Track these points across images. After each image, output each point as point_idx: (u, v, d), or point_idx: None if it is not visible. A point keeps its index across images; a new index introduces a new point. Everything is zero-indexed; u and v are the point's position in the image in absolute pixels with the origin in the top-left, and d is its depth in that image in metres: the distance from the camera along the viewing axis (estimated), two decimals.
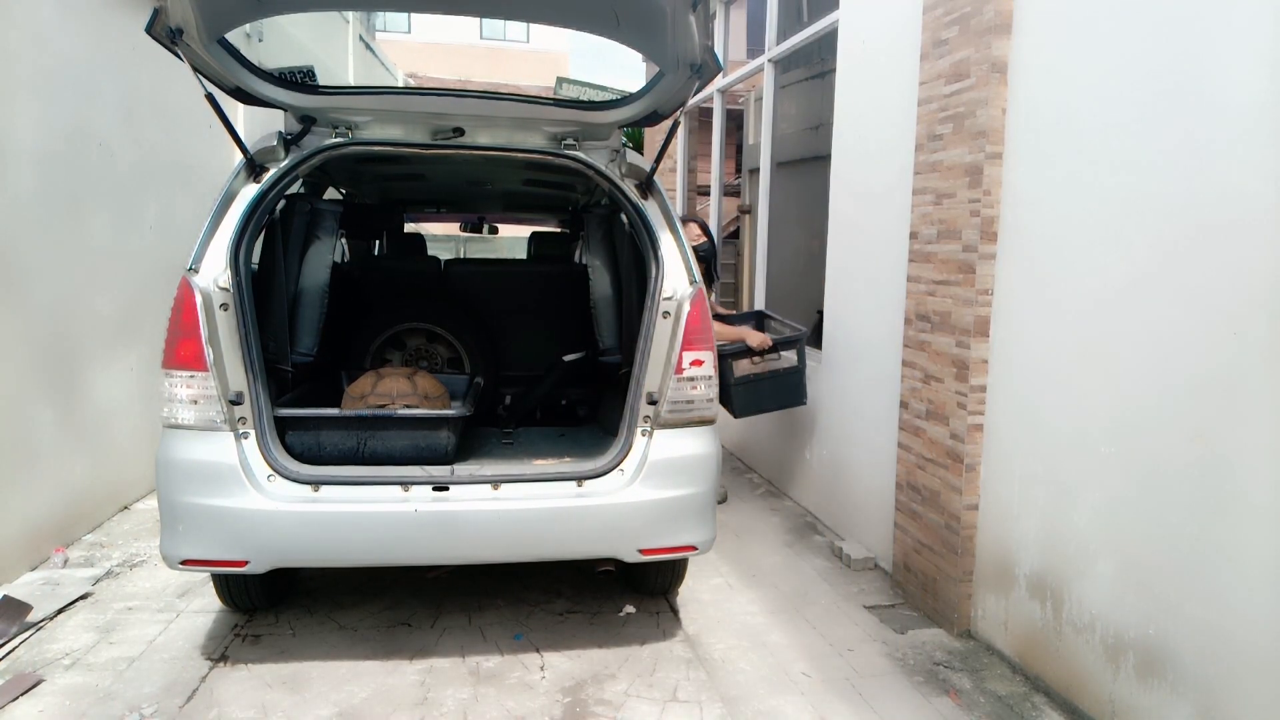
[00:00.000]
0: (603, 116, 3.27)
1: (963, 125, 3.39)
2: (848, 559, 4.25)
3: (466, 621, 3.55)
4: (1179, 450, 2.49)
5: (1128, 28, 2.70)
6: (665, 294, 3.12)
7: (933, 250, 3.61)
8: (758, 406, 4.73)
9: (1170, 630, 2.52)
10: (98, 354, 4.59)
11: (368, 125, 3.23)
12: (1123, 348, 2.70)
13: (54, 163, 4.17)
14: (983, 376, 3.37)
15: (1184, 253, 2.48)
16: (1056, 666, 3.00)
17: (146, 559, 4.15)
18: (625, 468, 3.09)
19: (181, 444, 2.90)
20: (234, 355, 2.91)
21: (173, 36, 2.54)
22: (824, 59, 5.42)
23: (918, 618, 3.69)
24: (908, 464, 3.83)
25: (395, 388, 3.51)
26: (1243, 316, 2.30)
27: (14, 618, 3.38)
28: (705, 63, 2.68)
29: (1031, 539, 3.11)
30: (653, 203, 3.30)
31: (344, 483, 2.96)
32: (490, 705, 2.95)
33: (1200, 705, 2.42)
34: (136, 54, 4.77)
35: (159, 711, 2.86)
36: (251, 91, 3.05)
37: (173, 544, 2.90)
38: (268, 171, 3.09)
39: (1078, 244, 2.90)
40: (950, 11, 3.48)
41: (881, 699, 3.03)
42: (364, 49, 10.88)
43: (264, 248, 3.42)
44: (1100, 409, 2.80)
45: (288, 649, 3.30)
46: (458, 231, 9.53)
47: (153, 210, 5.12)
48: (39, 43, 4.06)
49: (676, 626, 3.58)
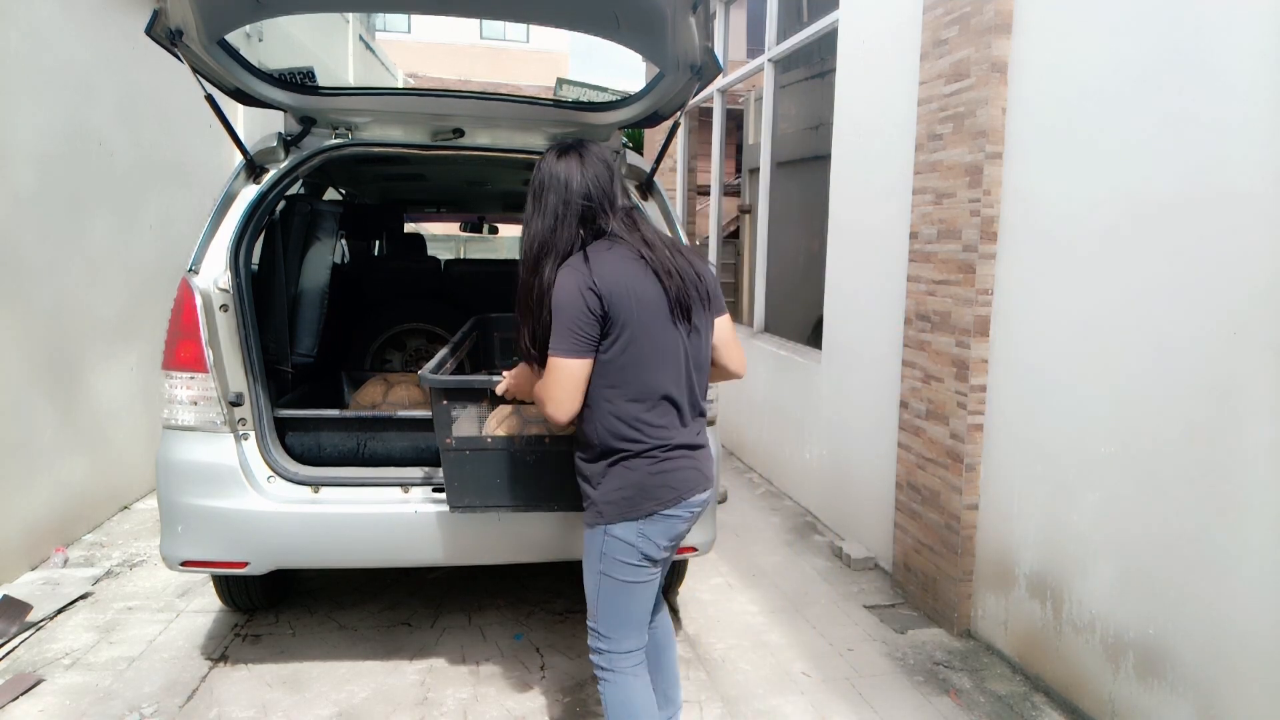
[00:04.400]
0: (603, 117, 3.27)
1: (963, 125, 3.39)
2: (848, 559, 4.25)
3: (466, 621, 3.55)
4: (1179, 450, 2.49)
5: (1128, 27, 2.70)
6: None
7: (933, 250, 3.61)
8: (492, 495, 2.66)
9: (1170, 630, 2.52)
10: (98, 354, 4.60)
11: (367, 126, 3.23)
12: (1123, 347, 2.70)
13: (54, 163, 4.17)
14: (983, 376, 3.38)
15: (1184, 251, 2.48)
16: (1056, 666, 3.01)
17: (146, 559, 4.15)
18: None
19: (181, 445, 2.90)
20: (234, 356, 2.91)
21: (173, 38, 2.54)
22: (824, 59, 5.42)
23: (918, 617, 3.69)
24: (908, 464, 3.84)
25: (407, 395, 3.51)
26: (1243, 316, 2.30)
27: (14, 617, 3.38)
28: (705, 64, 2.68)
29: (1031, 539, 3.11)
30: (652, 203, 3.30)
31: (344, 484, 2.96)
32: (490, 705, 2.95)
33: (1200, 705, 2.43)
34: (136, 54, 4.77)
35: (159, 711, 2.86)
36: (251, 92, 3.05)
37: (173, 545, 2.90)
38: (267, 172, 3.09)
39: (1078, 244, 2.90)
40: (950, 11, 3.48)
41: (881, 699, 3.03)
42: (364, 49, 10.88)
43: (264, 249, 3.42)
44: (1100, 408, 2.80)
45: (288, 649, 3.30)
46: (458, 231, 9.54)
47: (153, 210, 5.12)
48: (39, 43, 4.06)
49: (676, 626, 3.58)
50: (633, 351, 2.02)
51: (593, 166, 2.11)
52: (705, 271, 2.18)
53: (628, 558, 2.10)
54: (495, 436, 2.57)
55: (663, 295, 2.03)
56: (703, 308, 2.13)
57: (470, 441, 2.58)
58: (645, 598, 2.19)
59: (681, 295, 2.05)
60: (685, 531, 2.18)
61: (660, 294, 2.03)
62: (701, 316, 2.13)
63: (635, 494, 2.06)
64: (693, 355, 2.12)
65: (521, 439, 2.57)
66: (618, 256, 2.04)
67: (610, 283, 1.99)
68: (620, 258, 2.04)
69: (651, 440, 2.06)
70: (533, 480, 2.62)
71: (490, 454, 2.59)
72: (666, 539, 2.12)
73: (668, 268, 2.05)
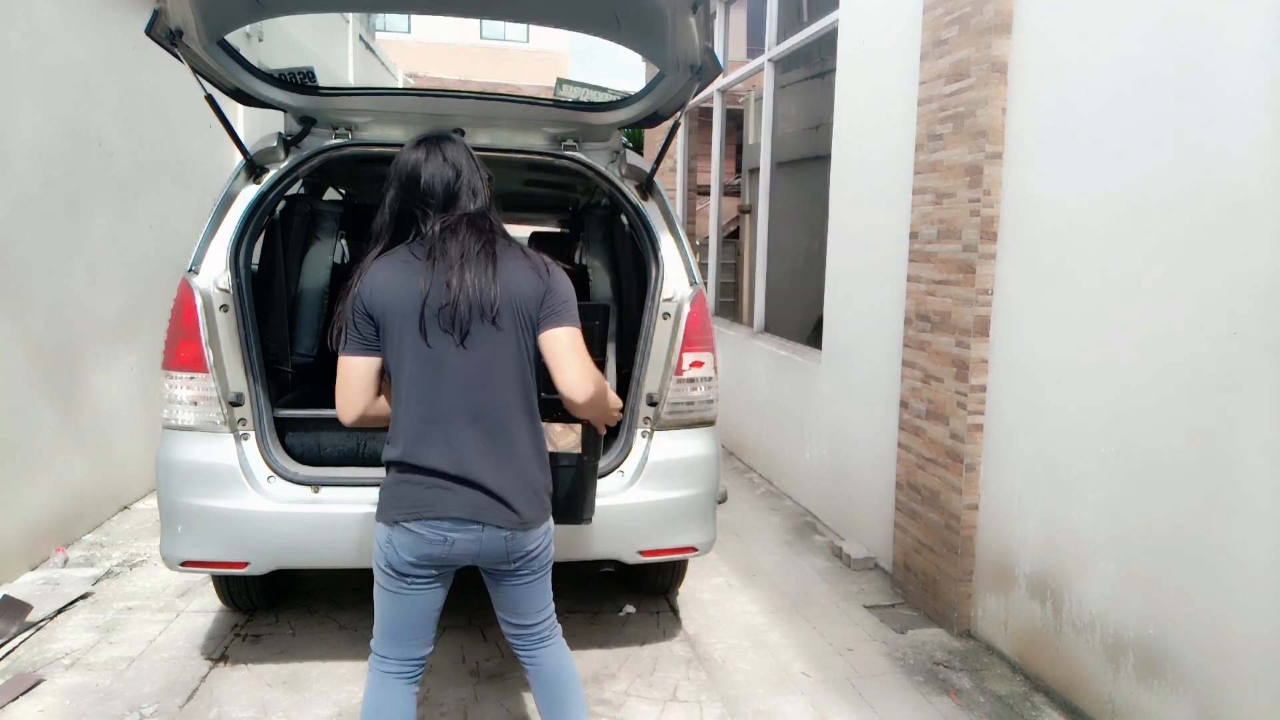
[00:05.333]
0: (603, 118, 3.27)
1: (963, 125, 3.39)
2: (848, 559, 4.25)
3: (466, 621, 3.55)
4: (1179, 450, 2.49)
5: (1127, 27, 2.70)
6: (665, 295, 3.12)
7: (933, 250, 3.61)
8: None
9: (1170, 630, 2.52)
10: (98, 354, 4.60)
11: (367, 126, 3.23)
12: (1122, 347, 2.70)
13: (54, 163, 4.17)
14: (983, 376, 3.38)
15: (1184, 252, 2.48)
16: (1056, 666, 3.01)
17: (146, 559, 4.15)
18: (625, 469, 3.09)
19: (181, 445, 2.90)
20: (234, 356, 2.91)
21: (173, 38, 2.54)
22: (824, 59, 5.42)
23: (918, 617, 3.69)
24: (908, 464, 3.84)
25: None
26: (1243, 316, 2.30)
27: (14, 617, 3.38)
28: (705, 64, 2.68)
29: (1031, 539, 3.11)
30: (652, 204, 3.30)
31: (344, 484, 2.96)
32: (490, 705, 2.95)
33: (1200, 705, 2.43)
34: (136, 54, 4.77)
35: (159, 711, 2.86)
36: (251, 93, 3.05)
37: (173, 545, 2.90)
38: (268, 172, 3.09)
39: (1078, 243, 2.90)
40: (950, 11, 3.48)
41: (881, 699, 3.03)
42: (364, 49, 10.88)
43: (264, 249, 3.42)
44: (1100, 408, 2.80)
45: (288, 649, 3.30)
46: None
47: (153, 210, 5.12)
48: (39, 43, 4.06)
49: (676, 626, 3.58)
50: (394, 361, 2.01)
51: (433, 165, 2.04)
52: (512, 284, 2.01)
53: (378, 560, 2.09)
54: None
55: (421, 307, 1.96)
56: (486, 323, 1.98)
57: None
58: (397, 609, 2.11)
59: (449, 310, 1.95)
60: (440, 557, 2.04)
61: (420, 306, 1.96)
62: (486, 331, 1.99)
63: (385, 498, 2.06)
64: (466, 372, 1.99)
65: None
66: (400, 261, 2.01)
67: (376, 288, 1.99)
68: (402, 262, 2.01)
69: (399, 449, 2.02)
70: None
71: None
72: (411, 555, 2.02)
73: (447, 280, 1.96)
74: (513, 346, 2.03)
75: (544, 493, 2.13)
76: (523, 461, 2.08)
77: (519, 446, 2.07)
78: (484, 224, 2.06)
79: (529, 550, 2.11)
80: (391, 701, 2.14)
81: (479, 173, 2.11)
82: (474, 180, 2.08)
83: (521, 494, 2.06)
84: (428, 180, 2.03)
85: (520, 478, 2.06)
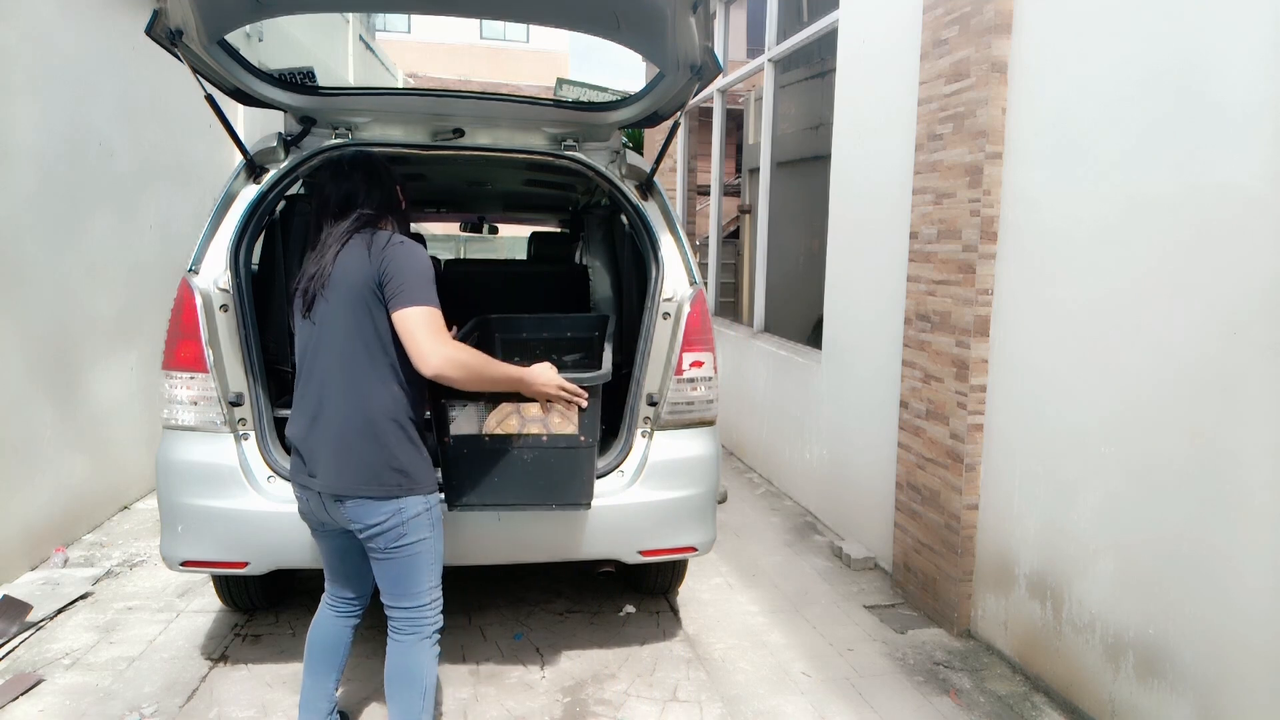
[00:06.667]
0: (603, 117, 3.27)
1: (963, 125, 3.39)
2: (848, 559, 4.25)
3: (466, 621, 3.55)
4: (1179, 450, 2.49)
5: (1127, 27, 2.70)
6: (665, 295, 3.12)
7: (933, 250, 3.61)
8: (490, 493, 2.65)
9: (1170, 630, 2.52)
10: (98, 354, 4.60)
11: (367, 126, 3.23)
12: (1122, 347, 2.70)
13: (54, 163, 4.17)
14: (983, 376, 3.38)
15: (1184, 252, 2.48)
16: (1056, 666, 3.01)
17: (146, 559, 4.15)
18: (625, 469, 3.09)
19: (181, 445, 2.90)
20: (234, 356, 2.91)
21: (172, 38, 2.54)
22: (824, 59, 5.42)
23: (918, 617, 3.69)
24: (908, 464, 3.84)
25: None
26: (1243, 316, 2.30)
27: (14, 617, 3.38)
28: (705, 64, 2.68)
29: (1031, 539, 3.12)
30: (652, 204, 3.30)
31: None
32: (490, 705, 2.95)
33: (1200, 705, 2.43)
34: (136, 54, 4.77)
35: (159, 711, 2.86)
36: (251, 93, 3.05)
37: (173, 545, 2.90)
38: (268, 172, 3.09)
39: (1078, 244, 2.90)
40: (950, 11, 3.48)
41: (881, 699, 3.03)
42: (364, 49, 10.88)
43: (264, 249, 3.42)
44: (1100, 408, 2.80)
45: (288, 649, 3.30)
46: (458, 231, 9.54)
47: (153, 210, 5.12)
48: (39, 43, 4.06)
49: (676, 626, 3.58)
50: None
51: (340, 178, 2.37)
52: (347, 264, 2.23)
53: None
54: (494, 435, 2.56)
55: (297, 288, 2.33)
56: (326, 301, 2.25)
57: (469, 440, 2.58)
58: (320, 550, 2.48)
59: (304, 290, 2.30)
60: (305, 513, 2.38)
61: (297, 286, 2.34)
62: (329, 308, 2.24)
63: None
64: (317, 342, 2.27)
65: (520, 438, 2.56)
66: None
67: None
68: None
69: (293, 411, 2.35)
70: (531, 479, 2.60)
71: (489, 453, 2.58)
72: (303, 504, 2.37)
73: (306, 267, 2.33)
74: (348, 320, 2.23)
75: (380, 466, 2.22)
76: (344, 430, 2.22)
77: (342, 414, 2.23)
78: (358, 223, 2.32)
79: (369, 524, 2.24)
80: (323, 627, 2.53)
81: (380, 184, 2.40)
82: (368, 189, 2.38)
83: (333, 460, 2.22)
84: (334, 191, 2.37)
85: (333, 445, 2.22)
